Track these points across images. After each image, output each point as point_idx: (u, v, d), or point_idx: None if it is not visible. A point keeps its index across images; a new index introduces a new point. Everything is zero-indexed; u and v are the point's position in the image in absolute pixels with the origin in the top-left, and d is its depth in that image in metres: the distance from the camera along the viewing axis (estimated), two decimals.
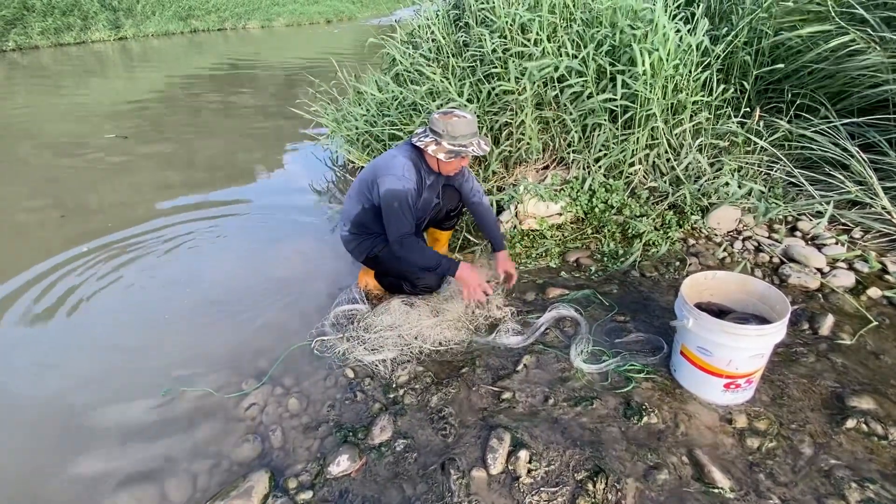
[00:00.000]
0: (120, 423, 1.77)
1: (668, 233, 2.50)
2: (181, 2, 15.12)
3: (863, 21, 2.56)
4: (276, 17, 17.90)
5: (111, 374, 2.01)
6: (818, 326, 1.90)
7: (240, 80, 8.50)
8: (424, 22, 3.88)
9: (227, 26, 16.20)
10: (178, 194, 3.83)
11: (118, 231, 3.19)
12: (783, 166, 2.67)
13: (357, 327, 2.08)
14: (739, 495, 1.30)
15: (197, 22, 15.27)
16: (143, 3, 13.97)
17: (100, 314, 2.43)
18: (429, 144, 1.95)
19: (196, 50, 12.34)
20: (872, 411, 1.50)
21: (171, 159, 4.67)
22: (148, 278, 2.70)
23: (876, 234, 2.33)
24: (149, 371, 2.00)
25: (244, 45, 13.43)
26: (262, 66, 10.00)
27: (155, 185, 4.04)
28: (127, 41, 12.93)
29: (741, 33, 2.82)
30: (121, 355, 2.12)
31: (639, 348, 1.86)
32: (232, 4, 16.70)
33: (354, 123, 3.73)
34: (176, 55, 11.56)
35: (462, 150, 1.93)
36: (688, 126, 2.69)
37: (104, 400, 1.87)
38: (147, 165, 4.48)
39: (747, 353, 1.44)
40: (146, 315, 2.40)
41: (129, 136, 5.21)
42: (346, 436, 1.60)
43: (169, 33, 14.29)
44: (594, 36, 2.72)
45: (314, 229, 3.21)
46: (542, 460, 1.42)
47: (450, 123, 1.90)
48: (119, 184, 4.05)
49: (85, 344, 2.23)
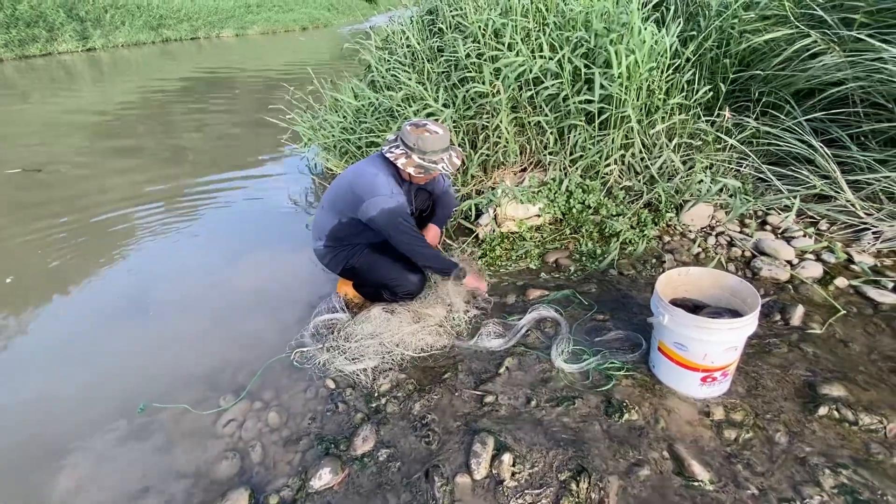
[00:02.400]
0: (92, 444, 1.71)
1: (644, 231, 2.54)
2: (151, 11, 14.85)
3: (822, 21, 2.66)
4: (250, 26, 17.72)
5: (83, 392, 1.95)
6: (789, 317, 1.95)
7: (214, 90, 8.38)
8: (399, 28, 3.89)
9: (201, 35, 15.98)
10: (150, 202, 3.75)
11: (87, 237, 3.10)
12: (752, 163, 2.74)
13: (337, 337, 2.06)
14: (719, 487, 1.32)
15: (168, 31, 15.02)
16: (112, 13, 13.67)
17: (71, 328, 2.35)
18: (398, 157, 1.94)
19: (168, 59, 12.12)
20: (843, 398, 1.54)
21: (144, 167, 4.57)
22: (119, 291, 2.63)
23: (841, 226, 2.41)
24: (122, 388, 1.94)
25: (218, 54, 13.24)
26: (236, 74, 9.87)
27: (125, 192, 3.94)
28: (96, 52, 12.63)
29: (710, 36, 2.90)
30: (92, 372, 2.06)
31: (618, 346, 1.88)
32: (205, 13, 16.48)
33: (331, 131, 3.71)
34: (148, 65, 11.34)
35: (432, 166, 1.93)
36: (661, 126, 2.74)
37: (75, 420, 1.81)
38: (115, 172, 4.37)
39: (721, 347, 1.46)
40: (118, 331, 2.33)
41: (100, 148, 5.07)
42: (327, 448, 1.58)
43: (140, 43, 14.02)
44: (569, 39, 2.76)
45: (292, 238, 3.17)
46: (526, 462, 1.42)
47: (421, 138, 1.89)
48: (89, 189, 3.94)
49: (54, 363, 2.15)
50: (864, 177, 2.41)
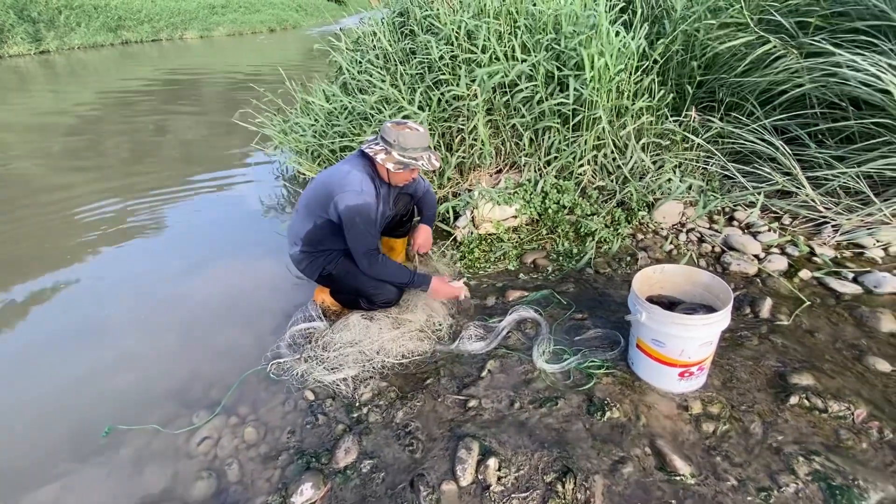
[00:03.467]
0: (52, 473, 1.60)
1: (618, 230, 2.59)
2: (110, 12, 14.24)
3: (779, 26, 2.77)
4: (215, 27, 17.24)
5: (39, 418, 1.83)
6: (759, 309, 2.01)
7: (178, 93, 8.10)
8: (370, 29, 3.84)
9: (163, 37, 15.43)
10: (109, 208, 3.58)
11: (41, 244, 2.93)
12: (718, 161, 2.83)
13: (315, 346, 2.01)
14: (700, 480, 1.35)
15: (128, 33, 14.45)
16: (67, 14, 13.04)
17: (21, 346, 2.21)
18: (378, 153, 1.92)
19: (129, 62, 11.65)
20: (812, 386, 1.60)
21: (102, 173, 4.36)
22: (74, 305, 2.49)
23: (803, 220, 2.51)
24: (83, 412, 1.83)
25: (182, 56, 12.82)
26: (202, 77, 9.58)
27: (87, 200, 3.75)
28: (50, 55, 12.02)
29: (676, 40, 2.98)
30: (48, 396, 1.93)
31: (598, 344, 1.90)
32: (167, 14, 15.93)
33: (302, 135, 3.63)
34: (107, 68, 10.86)
35: (412, 162, 1.91)
36: (631, 127, 2.80)
37: (31, 449, 1.69)
38: (72, 178, 4.16)
39: (698, 342, 1.50)
40: (75, 348, 2.20)
41: (57, 151, 4.82)
42: (308, 462, 1.53)
43: (97, 45, 13.43)
44: (540, 41, 2.78)
45: (263, 245, 3.08)
46: (512, 466, 1.41)
47: (402, 134, 1.88)
48: (43, 195, 3.73)
49: (2, 388, 2.00)
50: (822, 173, 2.52)
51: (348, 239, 1.94)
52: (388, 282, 2.04)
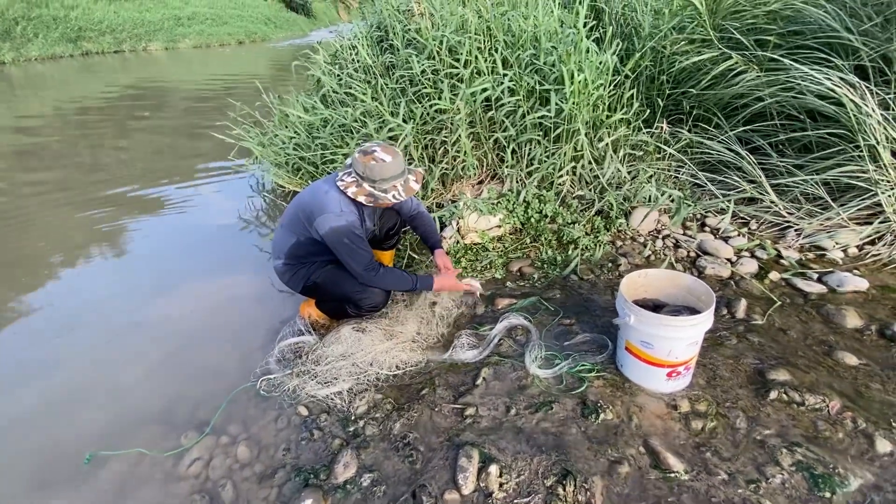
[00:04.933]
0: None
1: (598, 237, 2.67)
2: (69, 22, 13.75)
3: (739, 43, 2.96)
4: (181, 39, 16.89)
5: (12, 448, 1.72)
6: (735, 310, 2.11)
7: (144, 106, 7.87)
8: (348, 43, 3.87)
9: (126, 48, 15.00)
10: (86, 231, 3.43)
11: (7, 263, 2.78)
12: (688, 170, 2.98)
13: (306, 360, 1.98)
14: (693, 476, 1.40)
15: (89, 44, 13.97)
16: (24, 25, 12.52)
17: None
18: (349, 186, 1.89)
19: (89, 74, 11.25)
20: (789, 381, 1.69)
21: (68, 189, 4.18)
22: (47, 328, 2.37)
23: (768, 225, 2.66)
24: (62, 440, 1.74)
25: (145, 68, 12.48)
26: (166, 89, 9.34)
27: (51, 223, 3.58)
28: (5, 66, 11.48)
29: (645, 56, 3.13)
30: (22, 425, 1.83)
31: (586, 348, 1.95)
32: (129, 25, 15.51)
33: (283, 147, 3.60)
34: (65, 79, 10.46)
35: (381, 195, 1.87)
36: (608, 140, 2.91)
37: (11, 485, 1.59)
38: (37, 198, 3.97)
39: (685, 343, 1.56)
40: (48, 372, 2.09)
41: (10, 170, 4.59)
42: (306, 479, 1.50)
43: (56, 56, 12.92)
44: (520, 57, 2.87)
45: (244, 260, 3.03)
46: (512, 472, 1.43)
47: (368, 167, 1.83)
48: (11, 223, 3.54)
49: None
50: (784, 181, 2.69)
51: (342, 259, 1.93)
52: (395, 289, 2.05)
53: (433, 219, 2.45)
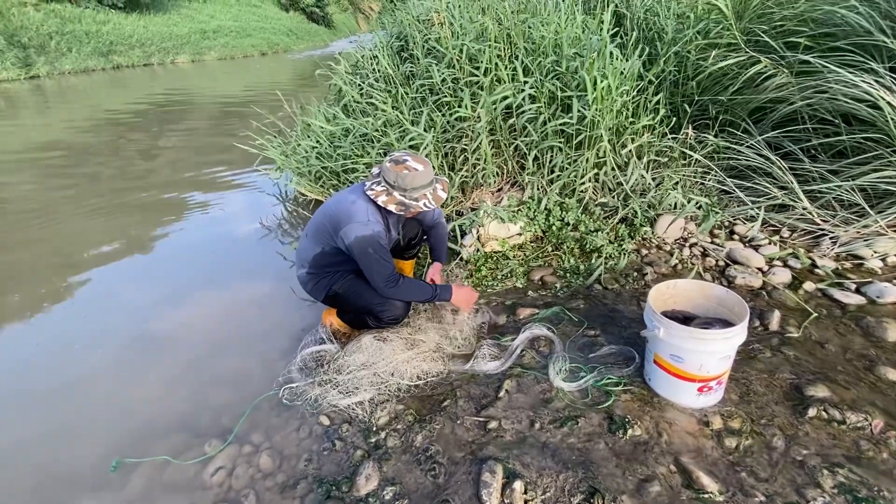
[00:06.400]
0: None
1: (622, 245, 2.62)
2: (101, 37, 14.32)
3: (767, 45, 2.88)
4: (206, 51, 17.42)
5: (41, 456, 1.76)
6: (768, 322, 2.04)
7: (172, 116, 8.11)
8: (369, 53, 3.91)
9: (154, 62, 15.54)
10: (113, 237, 3.53)
11: (41, 269, 2.87)
12: (715, 176, 2.90)
13: (328, 370, 1.98)
14: (728, 497, 1.34)
15: (120, 58, 14.52)
16: (58, 40, 13.09)
17: (18, 375, 2.14)
18: (379, 194, 1.91)
19: (120, 86, 11.68)
20: (829, 398, 1.61)
21: (101, 199, 4.32)
22: (75, 332, 2.44)
23: (801, 233, 2.57)
24: (89, 446, 1.78)
25: (174, 80, 12.88)
26: (195, 100, 9.62)
27: (82, 228, 3.70)
28: (40, 80, 12.01)
29: (669, 60, 3.08)
30: (50, 431, 1.87)
31: (612, 361, 1.90)
32: (158, 39, 16.07)
33: (305, 156, 3.65)
34: (97, 93, 10.87)
35: (413, 203, 1.90)
36: (632, 146, 2.86)
37: (37, 493, 1.62)
38: (69, 204, 4.11)
39: (717, 357, 1.51)
40: (76, 379, 2.14)
41: (44, 178, 4.77)
42: (328, 490, 1.50)
43: (88, 70, 13.46)
44: (542, 64, 2.85)
45: (267, 268, 3.07)
46: (538, 489, 1.39)
47: (401, 175, 1.86)
48: (44, 230, 3.68)
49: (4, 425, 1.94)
50: (817, 187, 2.59)
51: (364, 269, 1.94)
52: (414, 300, 2.07)
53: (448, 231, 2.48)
